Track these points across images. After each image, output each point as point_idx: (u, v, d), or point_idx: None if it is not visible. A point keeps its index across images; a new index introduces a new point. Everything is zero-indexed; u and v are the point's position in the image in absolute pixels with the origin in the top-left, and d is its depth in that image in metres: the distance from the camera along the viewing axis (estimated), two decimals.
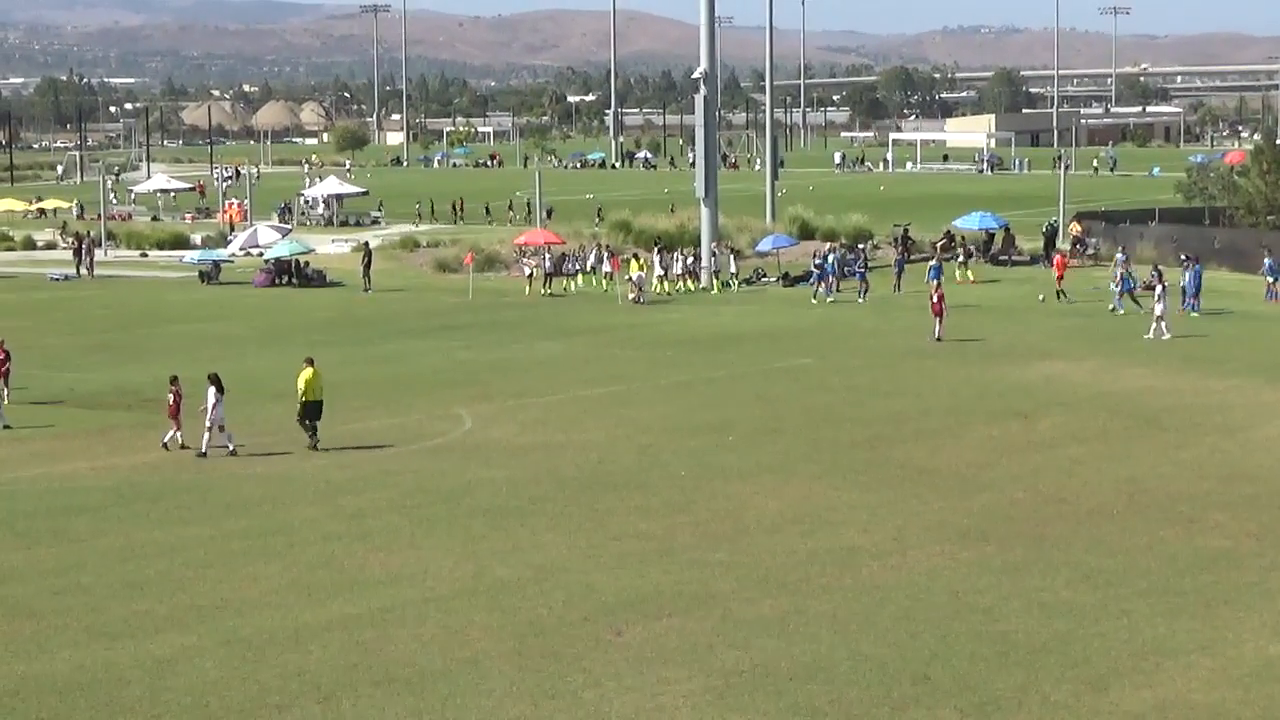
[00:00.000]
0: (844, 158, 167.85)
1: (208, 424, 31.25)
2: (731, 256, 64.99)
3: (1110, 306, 52.84)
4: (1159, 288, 47.65)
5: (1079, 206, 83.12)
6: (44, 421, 35.46)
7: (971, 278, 62.04)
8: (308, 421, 32.00)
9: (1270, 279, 56.07)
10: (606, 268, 63.99)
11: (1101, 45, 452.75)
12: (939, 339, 46.16)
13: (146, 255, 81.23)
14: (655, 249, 65.00)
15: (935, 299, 47.12)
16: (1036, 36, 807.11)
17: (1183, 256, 56.67)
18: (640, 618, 20.71)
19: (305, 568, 23.33)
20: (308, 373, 32.15)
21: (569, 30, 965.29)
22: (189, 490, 28.58)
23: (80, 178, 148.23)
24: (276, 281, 66.83)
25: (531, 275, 62.78)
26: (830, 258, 61.50)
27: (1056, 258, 59.72)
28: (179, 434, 31.96)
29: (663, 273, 62.80)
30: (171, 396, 31.98)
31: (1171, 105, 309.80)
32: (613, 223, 77.24)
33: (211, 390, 31.22)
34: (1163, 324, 46.23)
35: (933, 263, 58.33)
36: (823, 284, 58.67)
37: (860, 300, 57.01)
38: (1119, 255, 58.54)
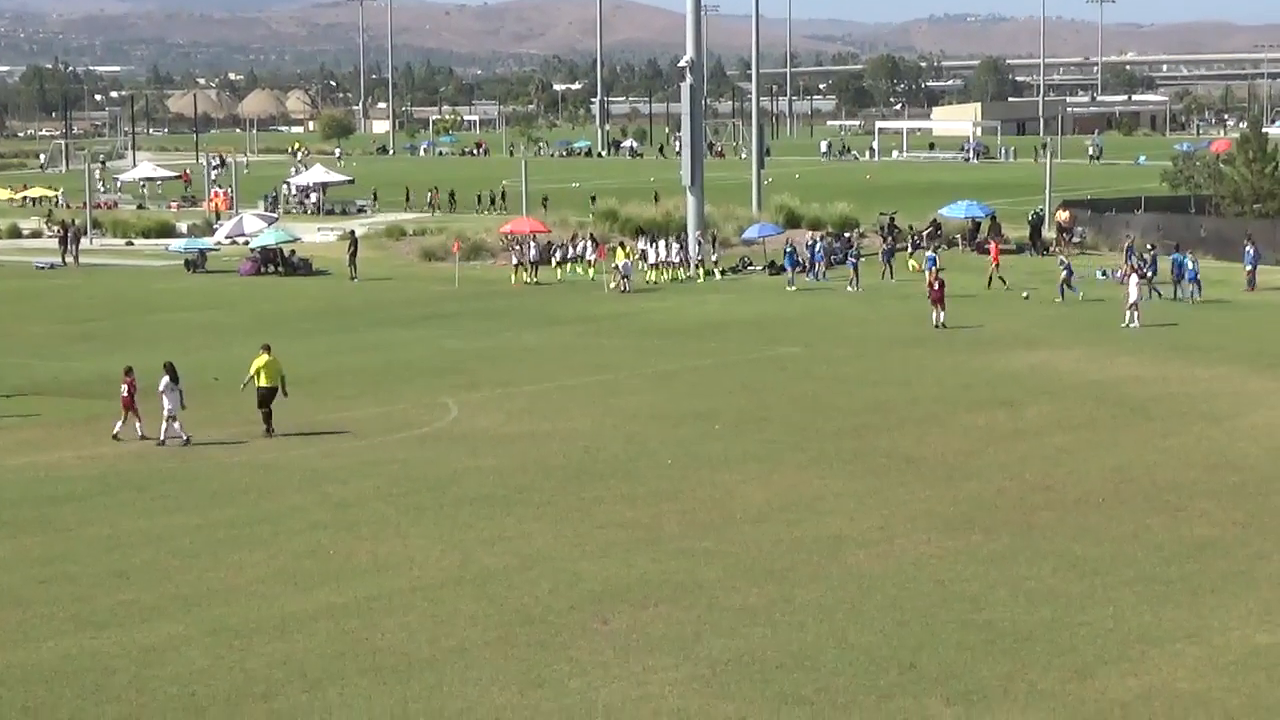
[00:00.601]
0: (830, 146, 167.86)
1: (165, 413, 31.16)
2: (713, 243, 64.83)
3: (1054, 299, 52.66)
4: (1134, 277, 48.26)
5: (1065, 195, 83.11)
6: (29, 410, 35.39)
7: (917, 266, 61.56)
8: (261, 409, 31.97)
9: (1249, 267, 56.22)
10: (591, 255, 63.93)
11: (1087, 34, 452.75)
12: (941, 325, 46.13)
13: (132, 244, 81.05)
14: (649, 239, 64.74)
15: (935, 286, 47.12)
16: (1022, 25, 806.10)
17: (1149, 245, 56.84)
18: (627, 606, 20.71)
19: (291, 556, 23.30)
20: (261, 359, 32.14)
21: (555, 19, 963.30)
22: (175, 479, 28.51)
23: (65, 166, 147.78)
24: (262, 270, 66.67)
25: (519, 264, 62.70)
26: (817, 245, 61.62)
27: (992, 245, 59.91)
28: (139, 425, 31.84)
29: (656, 260, 62.74)
30: (125, 387, 31.87)
31: (1157, 94, 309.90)
32: (600, 211, 77.30)
33: (165, 379, 31.13)
34: (1130, 312, 46.39)
35: (929, 251, 58.38)
36: (794, 271, 58.83)
37: (850, 289, 56.86)
38: (1128, 245, 58.80)
